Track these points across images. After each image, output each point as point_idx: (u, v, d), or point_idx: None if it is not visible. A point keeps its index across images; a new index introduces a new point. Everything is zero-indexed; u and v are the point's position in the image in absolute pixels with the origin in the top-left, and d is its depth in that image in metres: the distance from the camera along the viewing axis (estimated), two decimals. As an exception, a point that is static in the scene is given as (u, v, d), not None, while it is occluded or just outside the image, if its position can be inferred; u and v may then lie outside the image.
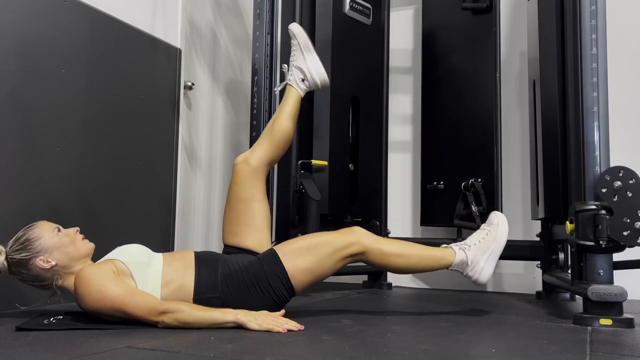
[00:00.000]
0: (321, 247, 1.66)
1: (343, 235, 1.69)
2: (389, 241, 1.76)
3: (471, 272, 1.74)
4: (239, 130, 3.25)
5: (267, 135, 1.87)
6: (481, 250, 1.75)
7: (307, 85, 1.95)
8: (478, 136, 2.64)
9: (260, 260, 1.65)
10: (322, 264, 1.65)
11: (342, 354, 1.19)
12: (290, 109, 1.90)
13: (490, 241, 1.76)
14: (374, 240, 1.70)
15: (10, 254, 1.53)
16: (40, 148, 1.92)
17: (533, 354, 1.22)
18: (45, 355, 1.15)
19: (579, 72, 1.76)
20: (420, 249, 1.75)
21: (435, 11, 2.88)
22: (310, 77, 1.94)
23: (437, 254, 1.75)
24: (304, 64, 1.95)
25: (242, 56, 3.29)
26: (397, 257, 1.70)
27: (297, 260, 1.63)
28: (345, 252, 1.66)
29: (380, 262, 1.71)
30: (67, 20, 2.04)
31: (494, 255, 1.75)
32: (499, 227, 1.78)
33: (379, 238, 1.74)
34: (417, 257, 1.73)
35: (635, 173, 1.63)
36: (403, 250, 1.72)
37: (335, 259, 1.66)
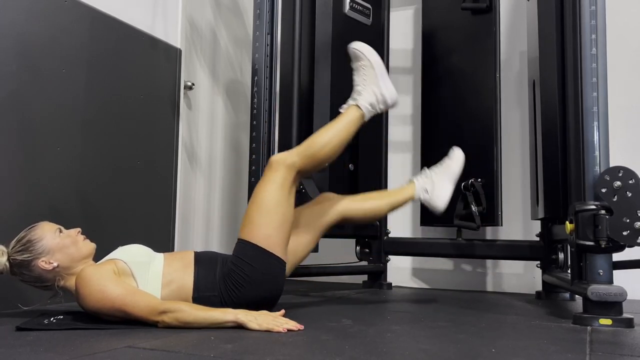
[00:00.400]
0: (264, 201, 1.67)
1: (269, 173, 1.70)
2: (309, 143, 1.77)
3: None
4: (239, 130, 3.25)
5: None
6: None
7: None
8: (478, 136, 2.64)
9: (236, 254, 1.66)
10: (279, 212, 1.66)
11: (342, 353, 1.19)
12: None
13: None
14: (297, 156, 1.73)
15: (12, 255, 1.53)
16: (41, 148, 1.93)
17: (533, 354, 1.22)
18: (45, 355, 1.15)
19: (578, 72, 1.76)
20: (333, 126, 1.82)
21: (435, 11, 2.88)
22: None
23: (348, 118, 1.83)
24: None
25: (242, 56, 3.29)
26: (324, 148, 1.75)
27: (259, 230, 1.65)
28: (283, 184, 1.68)
29: (317, 165, 1.75)
30: (67, 20, 2.04)
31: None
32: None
33: (299, 150, 1.76)
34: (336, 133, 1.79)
35: (635, 173, 1.64)
36: (324, 139, 1.77)
37: (283, 197, 1.67)
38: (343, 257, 2.84)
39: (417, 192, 1.94)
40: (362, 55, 1.87)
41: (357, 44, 1.89)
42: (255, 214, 1.68)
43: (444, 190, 1.92)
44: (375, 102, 1.84)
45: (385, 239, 2.82)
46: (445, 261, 2.95)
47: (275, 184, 1.69)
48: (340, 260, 2.78)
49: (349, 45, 1.89)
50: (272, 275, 1.64)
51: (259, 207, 1.68)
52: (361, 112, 1.81)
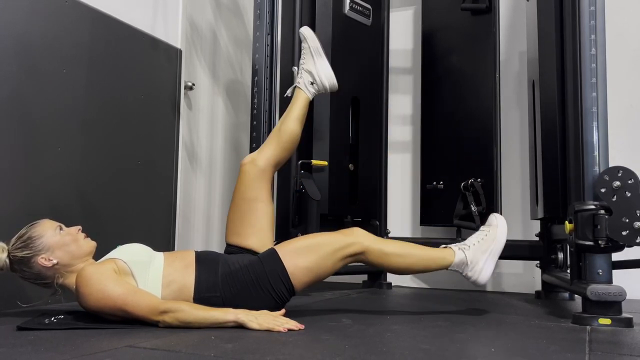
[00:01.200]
0: (321, 246, 1.66)
1: (343, 236, 1.69)
2: (388, 242, 1.77)
3: (470, 273, 1.75)
4: (239, 131, 3.25)
5: (274, 137, 1.89)
6: (480, 250, 1.75)
7: (316, 88, 1.98)
8: (477, 136, 2.65)
9: (260, 260, 1.66)
10: (322, 263, 1.65)
11: (342, 353, 1.19)
12: (298, 112, 1.93)
13: (490, 241, 1.77)
14: (373, 241, 1.71)
15: (12, 252, 1.53)
16: (41, 148, 1.93)
17: (532, 354, 1.23)
18: (46, 355, 1.15)
19: (578, 72, 1.76)
20: (419, 249, 1.76)
21: (435, 12, 2.88)
22: (320, 81, 1.98)
23: (437, 254, 1.75)
24: (313, 67, 1.98)
25: (242, 56, 3.29)
26: (397, 257, 1.71)
27: (298, 260, 1.64)
28: (345, 251, 1.67)
29: (379, 261, 1.71)
30: (68, 20, 2.04)
31: (493, 256, 1.76)
32: (498, 228, 1.79)
33: (379, 238, 1.75)
34: (416, 257, 1.73)
35: (634, 173, 1.64)
36: (402, 251, 1.73)
37: (335, 259, 1.66)
38: (343, 257, 2.84)
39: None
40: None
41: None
42: (306, 248, 1.66)
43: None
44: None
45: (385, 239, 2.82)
46: (445, 261, 2.95)
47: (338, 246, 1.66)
48: (340, 260, 2.78)
49: (494, 213, 1.88)
50: (277, 298, 1.64)
51: (312, 248, 1.66)
52: (452, 259, 1.75)
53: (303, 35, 2.03)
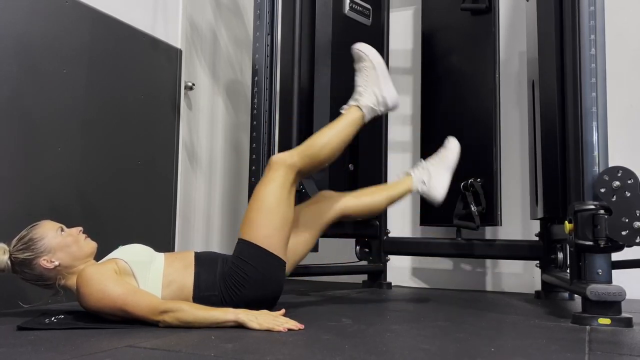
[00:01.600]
0: (265, 202, 1.67)
1: (270, 173, 1.71)
2: (308, 144, 1.78)
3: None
4: (239, 131, 3.25)
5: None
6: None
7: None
8: (477, 136, 2.65)
9: (237, 255, 1.67)
10: (280, 213, 1.67)
11: (342, 353, 1.19)
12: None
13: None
14: (298, 157, 1.73)
15: (13, 253, 1.53)
16: (41, 148, 1.93)
17: (532, 353, 1.23)
18: (46, 355, 1.15)
19: (577, 72, 1.76)
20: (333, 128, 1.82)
21: (435, 12, 2.88)
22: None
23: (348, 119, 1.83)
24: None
25: (243, 57, 3.29)
26: (324, 148, 1.76)
27: (261, 230, 1.65)
28: (284, 184, 1.68)
29: (317, 165, 1.76)
30: (68, 20, 2.04)
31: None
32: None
33: (300, 150, 1.77)
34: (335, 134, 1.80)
35: (634, 173, 1.64)
36: (324, 140, 1.78)
37: (283, 199, 1.68)
38: (343, 257, 2.84)
39: (414, 184, 1.94)
40: (365, 57, 1.87)
41: (360, 45, 1.89)
42: (256, 214, 1.69)
43: (442, 181, 1.92)
44: (376, 103, 1.85)
45: (385, 239, 2.82)
46: (445, 261, 2.95)
47: (275, 184, 1.69)
48: (340, 260, 2.79)
49: (352, 46, 1.90)
50: (272, 274, 1.65)
51: (260, 208, 1.68)
52: (361, 113, 1.82)
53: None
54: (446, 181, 1.93)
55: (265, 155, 2.30)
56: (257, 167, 2.30)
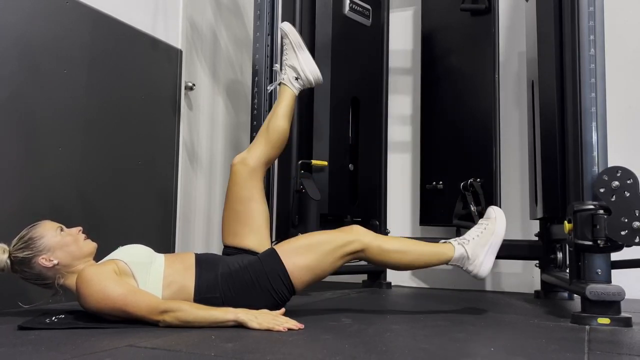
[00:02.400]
0: (321, 245, 1.67)
1: (343, 234, 1.70)
2: (388, 238, 1.77)
3: (471, 267, 1.75)
4: (239, 131, 3.26)
5: (263, 135, 1.89)
6: (480, 244, 1.75)
7: (300, 83, 1.98)
8: (477, 136, 2.65)
9: (260, 260, 1.66)
10: (322, 262, 1.66)
11: (341, 352, 1.20)
12: (285, 108, 1.92)
13: (489, 235, 1.76)
14: (373, 238, 1.71)
15: (13, 253, 1.54)
16: (42, 148, 1.93)
17: (531, 353, 1.23)
18: (47, 354, 1.15)
19: (577, 72, 1.77)
20: (419, 245, 1.76)
21: (435, 12, 2.89)
22: (304, 75, 1.97)
23: (437, 249, 1.76)
24: (296, 62, 1.97)
25: (243, 57, 3.30)
26: (397, 254, 1.71)
27: (297, 259, 1.64)
28: (345, 249, 1.67)
29: (379, 259, 1.71)
30: (69, 21, 2.05)
31: (493, 249, 1.76)
32: (497, 220, 1.79)
33: (378, 235, 1.75)
34: (416, 253, 1.74)
35: (633, 173, 1.64)
36: (402, 247, 1.73)
37: (335, 257, 1.67)
38: (343, 257, 2.84)
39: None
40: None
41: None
42: (311, 251, 1.65)
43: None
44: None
45: (385, 239, 2.82)
46: (445, 261, 2.95)
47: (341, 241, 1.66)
48: (340, 260, 2.79)
49: (492, 206, 1.87)
50: (277, 297, 1.64)
51: (312, 244, 1.67)
52: (452, 254, 1.75)
53: (283, 31, 2.00)
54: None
55: (265, 155, 2.30)
56: (257, 167, 2.30)
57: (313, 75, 1.98)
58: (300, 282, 1.65)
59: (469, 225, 2.54)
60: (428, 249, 1.75)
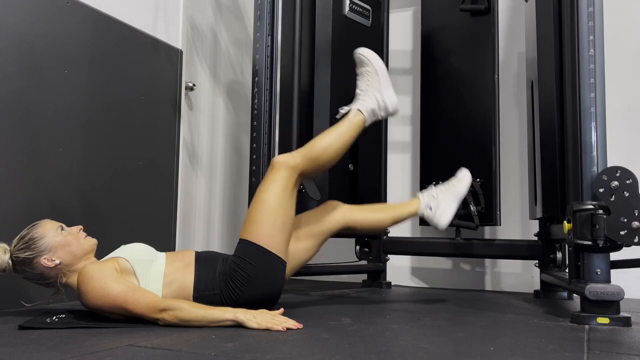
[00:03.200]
0: (267, 202, 1.69)
1: (272, 175, 1.72)
2: (311, 146, 1.79)
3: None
4: (239, 131, 3.26)
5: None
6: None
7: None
8: (476, 136, 2.66)
9: (238, 254, 1.68)
10: (281, 213, 1.69)
11: (341, 352, 1.20)
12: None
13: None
14: (300, 158, 1.74)
15: (14, 253, 1.54)
16: (43, 148, 1.94)
17: (531, 352, 1.24)
18: (47, 354, 1.16)
19: (576, 73, 1.77)
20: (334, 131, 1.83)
21: (434, 13, 2.89)
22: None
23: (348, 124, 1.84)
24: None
25: (243, 57, 3.30)
26: (326, 150, 1.78)
27: (261, 230, 1.67)
28: (287, 183, 1.70)
29: (319, 168, 1.78)
30: (69, 21, 2.05)
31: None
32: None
33: (302, 152, 1.78)
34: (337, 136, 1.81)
35: (632, 173, 1.65)
36: (326, 142, 1.79)
37: (285, 199, 1.70)
38: (343, 256, 2.85)
39: (421, 208, 1.95)
40: (368, 62, 1.89)
41: (363, 50, 1.91)
42: (258, 214, 1.70)
43: (448, 210, 1.93)
44: (377, 108, 1.87)
45: (385, 239, 2.83)
46: (444, 260, 2.96)
47: (277, 185, 1.71)
48: (340, 259, 2.80)
49: (355, 51, 1.91)
50: (273, 274, 1.66)
51: (261, 209, 1.70)
52: (363, 117, 1.83)
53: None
54: (452, 211, 1.93)
55: (265, 155, 2.31)
56: (257, 167, 2.31)
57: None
58: (281, 248, 1.68)
59: (469, 225, 2.55)
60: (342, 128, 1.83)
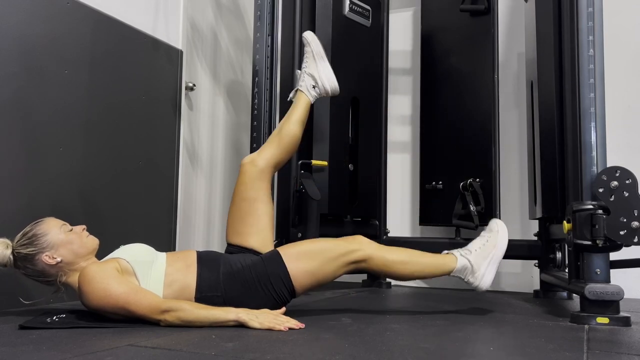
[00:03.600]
0: (324, 252, 1.68)
1: (347, 242, 1.71)
2: (391, 249, 1.77)
3: (472, 279, 1.76)
4: (239, 131, 3.26)
5: (275, 138, 1.92)
6: (482, 256, 1.77)
7: (317, 92, 2.03)
8: (476, 136, 2.66)
9: (263, 261, 1.67)
10: (324, 268, 1.67)
11: (341, 352, 1.20)
12: (299, 114, 1.97)
13: (491, 248, 1.78)
14: (376, 248, 1.72)
15: (16, 248, 1.54)
16: (43, 148, 1.94)
17: (531, 352, 1.24)
18: (48, 353, 1.16)
19: (576, 73, 1.77)
20: (422, 256, 1.77)
21: (434, 13, 2.89)
22: (322, 84, 2.02)
23: (440, 260, 1.77)
24: (316, 71, 2.03)
25: (243, 57, 3.30)
26: (400, 265, 1.73)
27: (300, 263, 1.66)
28: (348, 258, 1.68)
29: (382, 269, 1.73)
30: (70, 21, 2.05)
31: (495, 262, 1.78)
32: (499, 233, 1.81)
33: (381, 246, 1.76)
34: (419, 264, 1.75)
35: (632, 173, 1.65)
36: (405, 258, 1.74)
37: (337, 265, 1.68)
38: (343, 257, 2.85)
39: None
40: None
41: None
42: (309, 252, 1.68)
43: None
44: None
45: (385, 238, 2.83)
46: (444, 261, 2.96)
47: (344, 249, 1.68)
48: (340, 259, 2.79)
49: (494, 219, 1.89)
50: (277, 299, 1.65)
51: (315, 250, 1.68)
52: (454, 265, 1.77)
53: (306, 39, 2.07)
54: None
55: (265, 155, 2.31)
56: (257, 167, 2.31)
57: (330, 85, 2.03)
58: (301, 286, 1.66)
59: (469, 225, 2.56)
60: (431, 261, 1.76)
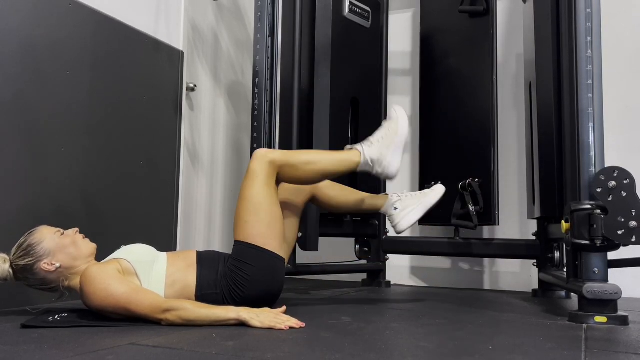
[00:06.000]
0: (252, 199, 1.70)
1: (255, 166, 1.72)
2: (292, 152, 1.83)
3: (380, 169, 1.80)
4: (240, 131, 3.27)
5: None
6: (385, 145, 1.80)
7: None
8: (475, 137, 2.67)
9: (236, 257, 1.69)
10: (269, 209, 1.70)
11: (341, 350, 1.21)
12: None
13: (393, 135, 1.81)
14: (279, 155, 1.76)
15: (14, 261, 1.55)
16: (45, 149, 1.95)
17: (529, 351, 1.25)
18: (50, 352, 1.17)
19: (574, 74, 1.78)
20: (326, 154, 1.85)
21: (433, 14, 2.90)
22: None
23: (344, 156, 1.81)
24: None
25: (244, 58, 3.31)
26: (305, 165, 1.76)
27: (253, 229, 1.68)
28: (268, 179, 1.71)
29: (292, 175, 1.77)
30: (72, 23, 2.06)
31: (398, 148, 1.81)
32: (399, 120, 1.83)
33: (283, 151, 1.81)
34: (324, 162, 1.79)
35: (630, 173, 1.66)
36: (310, 158, 1.79)
37: (269, 193, 1.71)
38: (343, 256, 2.86)
39: (386, 205, 1.93)
40: (395, 119, 1.85)
41: (399, 108, 1.88)
42: (246, 214, 1.71)
43: (411, 216, 1.89)
44: (377, 161, 1.80)
45: (384, 238, 2.84)
46: (443, 260, 2.97)
47: (259, 182, 1.72)
48: (340, 258, 2.81)
49: (393, 105, 1.92)
50: (272, 272, 1.67)
51: (249, 207, 1.71)
52: (359, 158, 1.79)
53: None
54: (415, 218, 1.89)
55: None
56: (257, 168, 2.32)
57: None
58: (275, 242, 1.69)
59: (468, 225, 2.56)
60: (335, 157, 1.81)
